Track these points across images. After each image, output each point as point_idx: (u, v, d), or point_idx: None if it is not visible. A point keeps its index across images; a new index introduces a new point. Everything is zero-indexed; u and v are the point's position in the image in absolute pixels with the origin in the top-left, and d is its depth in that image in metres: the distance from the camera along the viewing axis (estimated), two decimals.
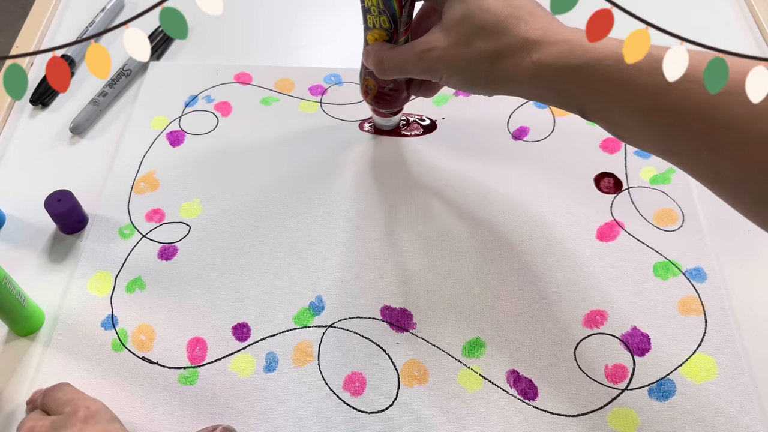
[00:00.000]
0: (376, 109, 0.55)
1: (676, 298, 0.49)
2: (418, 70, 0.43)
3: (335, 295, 0.50)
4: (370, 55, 0.47)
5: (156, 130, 0.60)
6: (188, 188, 0.56)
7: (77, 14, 0.71)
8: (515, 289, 0.50)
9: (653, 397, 0.45)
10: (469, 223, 0.53)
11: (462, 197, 0.55)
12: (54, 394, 0.42)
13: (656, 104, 0.35)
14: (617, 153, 0.57)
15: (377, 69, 0.46)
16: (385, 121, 0.58)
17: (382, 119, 0.58)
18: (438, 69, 0.42)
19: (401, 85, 0.51)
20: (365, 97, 0.54)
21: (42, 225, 0.54)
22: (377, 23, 0.46)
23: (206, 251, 0.52)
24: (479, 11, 0.39)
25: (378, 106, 0.54)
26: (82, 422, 0.38)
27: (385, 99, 0.53)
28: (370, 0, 0.45)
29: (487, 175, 0.56)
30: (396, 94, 0.52)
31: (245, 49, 0.68)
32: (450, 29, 0.40)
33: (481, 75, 0.40)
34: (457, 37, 0.40)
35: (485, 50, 0.39)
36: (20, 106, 0.63)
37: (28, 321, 0.47)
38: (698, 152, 0.35)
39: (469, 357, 0.47)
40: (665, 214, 0.53)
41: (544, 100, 0.40)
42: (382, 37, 0.47)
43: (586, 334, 0.47)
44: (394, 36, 0.46)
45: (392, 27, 0.46)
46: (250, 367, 0.46)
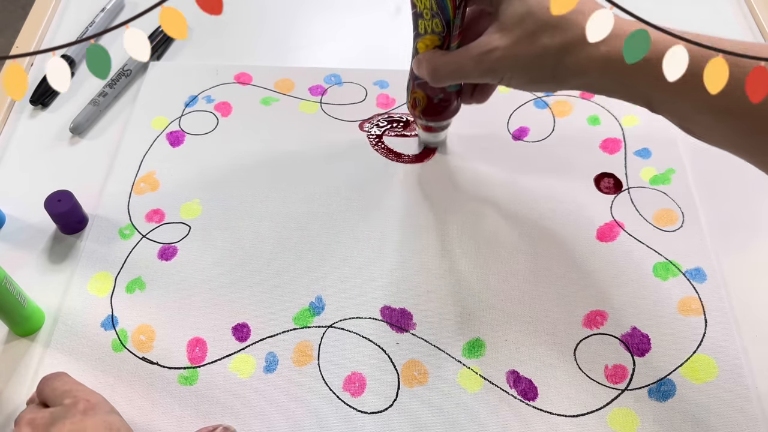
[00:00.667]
0: (425, 124, 0.53)
1: (676, 298, 0.49)
2: (479, 73, 0.42)
3: (335, 296, 0.50)
4: (422, 63, 0.45)
5: (156, 130, 0.60)
6: (188, 188, 0.56)
7: (77, 14, 0.71)
8: (515, 290, 0.50)
9: (653, 398, 0.45)
10: (468, 224, 0.53)
11: (462, 198, 0.55)
12: (52, 382, 0.42)
13: (730, 102, 0.34)
14: (617, 153, 0.57)
15: (432, 76, 0.45)
16: (433, 137, 0.57)
17: (430, 135, 0.56)
18: (500, 69, 0.41)
19: (452, 95, 0.50)
20: (413, 111, 0.52)
21: (42, 225, 0.54)
22: (429, 27, 0.44)
23: (206, 251, 0.52)
24: (540, 8, 0.38)
25: (428, 119, 0.52)
26: (82, 414, 0.39)
27: (435, 110, 0.51)
28: (422, 3, 0.43)
29: (487, 175, 0.56)
30: (446, 104, 0.51)
31: (245, 49, 0.68)
32: (511, 28, 0.40)
33: (549, 70, 0.40)
34: (520, 35, 0.39)
35: (552, 45, 0.38)
36: (20, 106, 0.63)
37: (28, 321, 0.47)
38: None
39: (469, 357, 0.47)
40: (665, 215, 0.53)
41: (611, 93, 0.40)
42: (434, 42, 0.45)
43: (586, 334, 0.47)
44: (446, 40, 0.45)
45: (445, 30, 0.44)
46: (250, 368, 0.46)
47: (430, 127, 0.54)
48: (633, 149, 0.58)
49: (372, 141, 0.59)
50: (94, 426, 0.38)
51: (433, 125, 0.54)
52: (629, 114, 0.60)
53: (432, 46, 0.46)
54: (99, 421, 0.38)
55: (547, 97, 0.62)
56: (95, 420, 0.38)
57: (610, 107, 0.61)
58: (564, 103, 0.61)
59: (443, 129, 0.55)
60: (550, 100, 0.62)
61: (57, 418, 0.38)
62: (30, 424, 0.38)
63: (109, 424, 0.39)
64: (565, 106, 0.61)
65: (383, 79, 0.63)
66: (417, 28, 0.46)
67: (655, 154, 0.57)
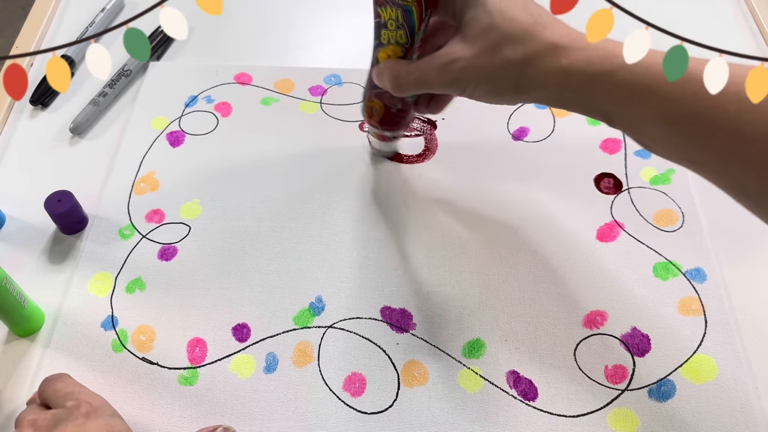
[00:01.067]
0: (380, 133, 0.53)
1: (676, 298, 0.49)
2: (442, 83, 0.42)
3: (335, 296, 0.50)
4: (384, 72, 0.45)
5: (156, 130, 0.60)
6: (188, 189, 0.56)
7: (77, 14, 0.71)
8: (515, 290, 0.50)
9: (653, 398, 0.45)
10: (468, 224, 0.53)
11: (462, 198, 0.55)
12: (54, 384, 0.42)
13: (682, 113, 0.34)
14: (617, 153, 0.57)
15: (393, 85, 0.45)
16: (386, 146, 0.57)
17: (383, 145, 0.56)
18: (463, 80, 0.41)
19: (409, 105, 0.50)
20: (369, 120, 0.52)
21: (42, 225, 0.54)
22: (393, 38, 0.44)
23: (206, 252, 0.52)
24: (503, 20, 0.39)
25: (384, 129, 0.52)
26: (84, 416, 0.39)
27: (392, 120, 0.51)
28: (387, 14, 0.43)
29: (487, 175, 0.56)
30: (403, 115, 0.50)
31: (245, 50, 0.68)
32: (474, 39, 0.40)
33: (510, 82, 0.40)
34: (483, 46, 0.39)
35: (514, 57, 0.39)
36: (20, 106, 0.63)
37: (28, 321, 0.47)
38: (724, 163, 0.35)
39: (469, 357, 0.47)
40: (665, 215, 0.53)
41: (569, 106, 0.40)
42: (396, 53, 0.45)
43: (586, 334, 0.47)
44: (409, 52, 0.45)
45: (408, 42, 0.44)
46: (250, 368, 0.46)
47: (386, 136, 0.54)
48: (633, 149, 0.58)
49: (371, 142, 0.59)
50: (96, 429, 0.38)
51: (388, 134, 0.54)
52: None
53: (394, 57, 0.45)
54: (101, 425, 0.38)
55: None
56: (97, 423, 0.38)
57: None
58: None
59: (398, 138, 0.55)
60: None
61: (59, 420, 0.38)
62: (32, 425, 0.38)
63: (111, 427, 0.39)
64: None
65: None
66: (379, 38, 0.45)
67: None
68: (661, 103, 0.35)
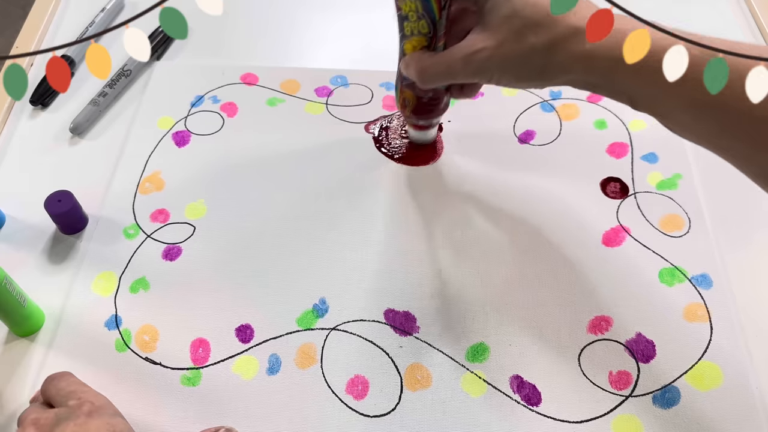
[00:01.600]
0: (415, 123, 0.54)
1: (681, 304, 0.49)
2: (467, 73, 0.43)
3: (339, 298, 0.49)
4: (410, 64, 0.46)
5: (162, 130, 0.60)
6: (193, 189, 0.56)
7: (77, 14, 0.71)
8: (519, 294, 0.49)
9: (657, 405, 0.44)
10: (473, 228, 0.53)
11: (467, 201, 0.55)
12: (57, 383, 0.42)
13: (710, 99, 0.34)
14: (624, 158, 0.57)
15: (420, 78, 0.45)
16: (423, 135, 0.57)
17: (420, 133, 0.56)
18: (489, 69, 0.41)
19: (441, 93, 0.50)
20: (403, 111, 0.52)
21: (42, 225, 0.54)
22: (416, 29, 0.45)
23: (210, 252, 0.52)
24: (526, 6, 0.39)
25: (417, 118, 0.52)
26: (86, 416, 0.39)
27: (425, 109, 0.51)
28: (407, 5, 0.44)
29: (492, 178, 0.56)
30: (436, 103, 0.51)
31: (246, 50, 0.68)
32: (497, 28, 0.40)
33: (536, 68, 0.40)
34: (507, 34, 0.39)
35: (539, 43, 0.39)
36: (20, 106, 0.63)
37: (28, 321, 0.47)
38: (753, 149, 0.35)
39: (472, 362, 0.46)
40: (672, 220, 0.53)
41: (595, 89, 0.40)
42: (421, 43, 0.45)
43: (591, 339, 0.47)
44: (433, 41, 0.45)
45: (431, 32, 0.45)
46: (253, 369, 0.46)
47: (421, 125, 0.55)
48: (640, 154, 0.57)
49: (378, 143, 0.59)
50: (98, 428, 0.38)
51: (423, 123, 0.54)
52: (636, 118, 0.60)
53: (419, 47, 0.46)
54: (103, 424, 0.38)
55: (554, 100, 0.62)
56: (99, 422, 0.38)
57: (617, 111, 0.61)
58: (571, 106, 0.61)
59: (433, 126, 0.56)
60: (557, 104, 0.61)
61: (61, 419, 0.38)
62: (34, 424, 0.38)
63: (113, 426, 0.39)
64: (571, 110, 0.61)
65: (389, 81, 0.63)
66: (403, 30, 0.46)
67: (662, 158, 0.57)
68: (687, 89, 0.35)
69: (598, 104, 0.61)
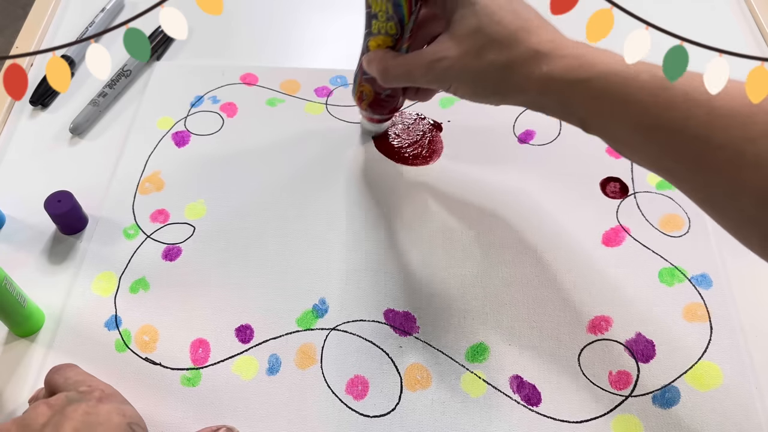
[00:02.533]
0: (369, 115, 0.55)
1: (681, 304, 0.49)
2: (427, 79, 0.44)
3: (339, 298, 0.49)
4: (373, 62, 0.47)
5: (161, 130, 0.60)
6: (193, 189, 0.56)
7: (77, 14, 0.71)
8: (519, 294, 0.49)
9: (657, 405, 0.44)
10: (473, 228, 0.53)
11: (467, 201, 0.55)
12: (64, 372, 0.42)
13: (656, 122, 0.35)
14: (623, 158, 0.57)
15: (382, 77, 0.46)
16: (375, 127, 0.58)
17: (372, 125, 0.58)
18: (448, 78, 0.42)
19: (398, 91, 0.51)
20: (359, 103, 0.53)
21: (42, 226, 0.54)
22: (383, 29, 0.45)
23: (210, 252, 0.52)
24: (491, 23, 0.39)
25: (373, 112, 0.54)
26: (97, 400, 0.39)
27: (380, 105, 0.52)
28: (378, 5, 0.44)
29: (492, 178, 0.56)
30: (392, 100, 0.52)
31: (246, 50, 0.68)
32: (461, 40, 0.41)
33: (492, 85, 0.41)
34: (469, 47, 0.40)
35: (497, 61, 0.39)
36: (20, 106, 0.63)
37: (27, 322, 0.47)
38: (693, 171, 0.36)
39: (472, 362, 0.46)
40: (671, 220, 0.53)
41: (548, 111, 0.41)
42: (386, 43, 0.46)
43: (591, 339, 0.47)
44: (399, 42, 0.46)
45: (398, 33, 0.45)
46: (252, 369, 0.46)
47: (375, 119, 0.56)
48: None
49: (377, 143, 0.59)
50: (108, 411, 0.38)
51: (377, 117, 0.55)
52: None
53: (384, 46, 0.46)
54: (113, 408, 0.39)
55: None
56: (110, 407, 0.39)
57: None
58: None
59: (386, 120, 0.57)
60: None
61: (72, 400, 0.38)
62: (45, 404, 0.38)
63: (123, 411, 0.39)
64: None
65: None
66: (369, 27, 0.46)
67: None
68: (634, 113, 0.36)
69: None
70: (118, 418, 0.38)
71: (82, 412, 0.37)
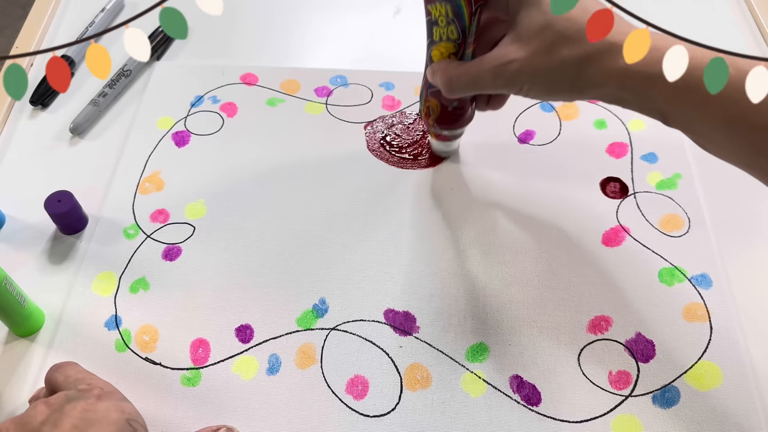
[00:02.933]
0: (438, 132, 0.53)
1: (681, 304, 0.49)
2: (497, 85, 0.42)
3: (339, 298, 0.49)
4: (437, 72, 0.45)
5: (161, 130, 0.60)
6: (193, 189, 0.56)
7: (77, 14, 0.71)
8: (519, 294, 0.49)
9: (657, 404, 0.44)
10: (473, 227, 0.53)
11: (467, 201, 0.55)
12: (65, 370, 0.42)
13: (743, 120, 0.34)
14: (624, 158, 0.57)
15: (447, 88, 0.45)
16: (446, 146, 0.56)
17: (443, 144, 0.55)
18: (518, 81, 0.41)
19: (466, 102, 0.50)
20: (426, 119, 0.51)
21: (42, 226, 0.54)
22: (444, 34, 0.44)
23: (210, 252, 0.52)
24: (560, 20, 0.38)
25: (441, 128, 0.52)
26: (96, 398, 0.39)
27: (449, 119, 0.51)
28: (437, 10, 0.43)
29: (492, 178, 0.56)
30: (461, 112, 0.50)
31: (246, 50, 0.68)
32: (529, 39, 0.40)
33: (567, 82, 0.40)
34: (539, 46, 0.39)
35: (571, 57, 0.38)
36: (20, 106, 0.63)
37: (27, 321, 0.47)
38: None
39: (472, 361, 0.46)
40: (671, 220, 0.53)
41: (626, 105, 0.40)
42: (449, 50, 0.45)
43: (591, 339, 0.47)
44: (462, 48, 0.44)
45: (460, 38, 0.44)
46: (252, 369, 0.46)
47: (444, 135, 0.54)
48: (639, 153, 0.57)
49: (377, 143, 0.59)
50: (106, 408, 0.38)
51: (446, 134, 0.53)
52: (636, 118, 0.60)
53: (447, 54, 0.45)
54: (112, 405, 0.39)
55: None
56: (108, 404, 0.39)
57: (616, 111, 0.61)
58: (570, 106, 0.61)
59: (456, 138, 0.55)
60: (557, 103, 0.61)
61: (71, 398, 0.38)
62: (45, 403, 0.38)
63: (122, 408, 0.39)
64: (571, 110, 0.61)
65: (389, 81, 0.63)
66: (431, 36, 0.45)
67: (662, 158, 0.57)
68: (720, 109, 0.35)
69: (598, 104, 0.61)
70: (116, 415, 0.38)
71: (80, 410, 0.37)
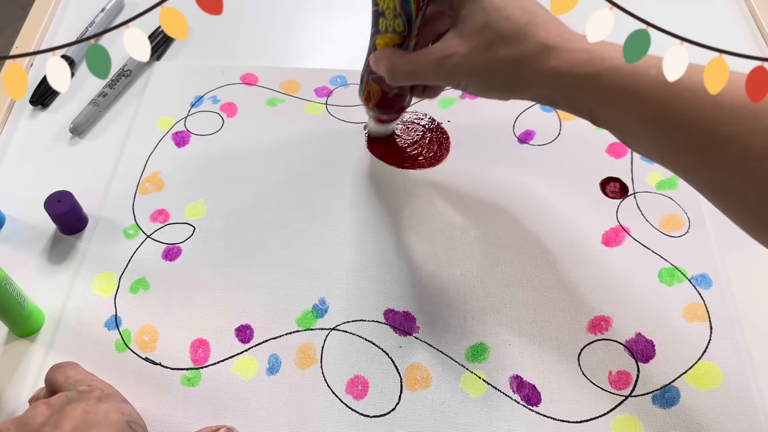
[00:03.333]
0: (377, 116, 0.54)
1: (681, 304, 0.49)
2: (437, 76, 0.44)
3: (339, 298, 0.49)
4: (380, 60, 0.46)
5: (161, 130, 0.60)
6: (193, 189, 0.56)
7: (77, 14, 0.71)
8: (519, 294, 0.49)
9: (657, 404, 0.44)
10: (473, 227, 0.53)
11: (467, 201, 0.55)
12: (65, 370, 0.42)
13: (665, 117, 0.36)
14: (623, 158, 0.57)
15: (390, 75, 0.46)
16: (383, 128, 0.58)
17: (380, 126, 0.57)
18: (457, 75, 0.42)
19: (405, 89, 0.51)
20: (366, 103, 0.53)
21: (42, 226, 0.54)
22: (390, 26, 0.45)
23: (210, 252, 0.52)
24: (500, 19, 0.40)
25: (380, 112, 0.53)
26: (97, 399, 0.39)
27: (388, 104, 0.52)
28: (385, 2, 0.44)
29: (492, 178, 0.56)
30: (400, 99, 0.52)
31: (246, 50, 0.68)
32: (470, 36, 0.41)
33: (502, 80, 0.41)
34: (478, 43, 0.40)
35: (507, 57, 0.39)
36: (20, 106, 0.63)
37: (27, 322, 0.47)
38: (700, 164, 0.36)
39: (472, 361, 0.46)
40: (671, 220, 0.53)
41: (558, 105, 0.41)
42: (394, 41, 0.46)
43: (591, 339, 0.47)
44: (407, 40, 0.46)
45: (406, 30, 0.45)
46: (252, 369, 0.46)
47: (383, 119, 0.55)
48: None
49: (371, 148, 0.59)
50: (107, 410, 0.38)
51: (385, 117, 0.55)
52: None
53: (391, 44, 0.46)
54: (112, 407, 0.39)
55: None
56: (109, 406, 0.39)
57: None
58: None
59: (393, 120, 0.56)
60: None
61: (72, 400, 0.39)
62: (45, 403, 0.38)
63: (122, 410, 0.39)
64: None
65: None
66: (377, 25, 0.46)
67: None
68: (645, 107, 0.36)
69: None
70: (116, 416, 0.38)
71: (81, 411, 0.37)
